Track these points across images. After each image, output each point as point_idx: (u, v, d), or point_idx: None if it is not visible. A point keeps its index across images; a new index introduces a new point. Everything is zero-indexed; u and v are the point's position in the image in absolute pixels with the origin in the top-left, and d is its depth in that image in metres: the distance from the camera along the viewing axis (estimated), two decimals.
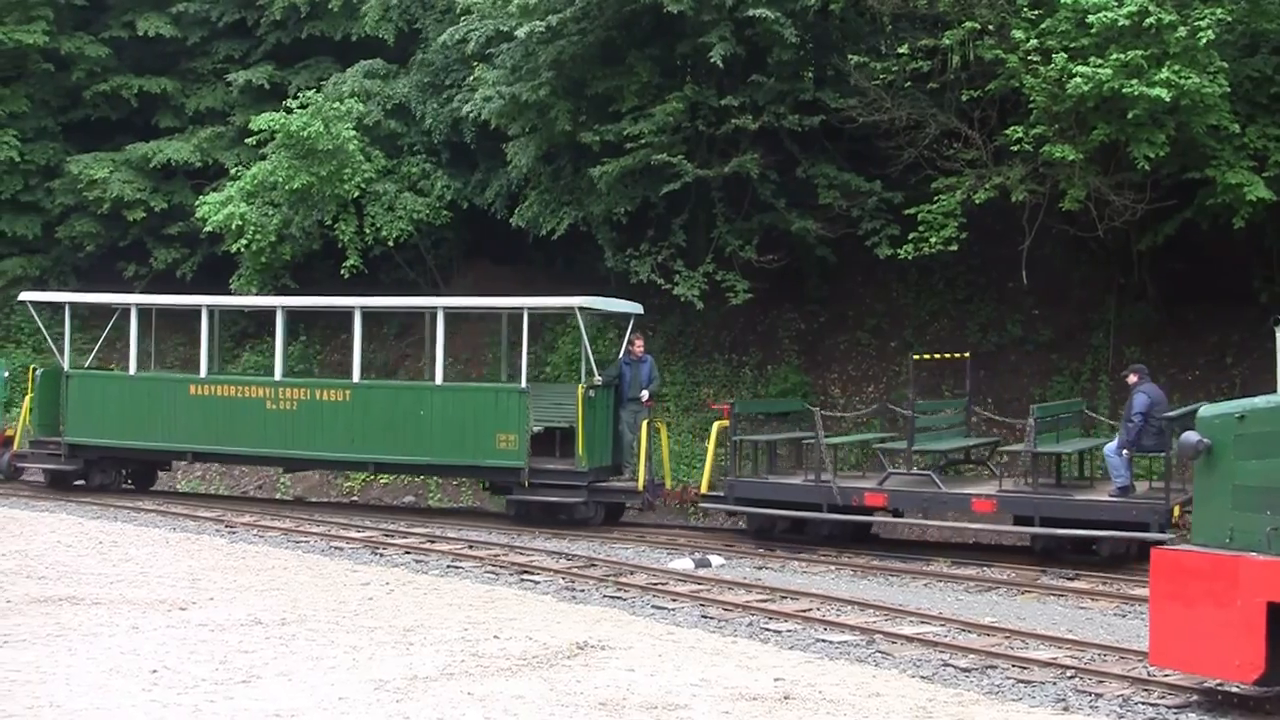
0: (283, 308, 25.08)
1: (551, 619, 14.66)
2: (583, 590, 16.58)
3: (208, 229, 27.99)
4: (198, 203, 28.70)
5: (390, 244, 27.87)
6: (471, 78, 26.04)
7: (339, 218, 27.70)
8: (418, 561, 18.71)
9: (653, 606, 15.50)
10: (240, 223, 27.28)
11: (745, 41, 22.60)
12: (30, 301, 27.22)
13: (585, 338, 23.14)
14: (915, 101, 21.98)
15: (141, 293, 29.78)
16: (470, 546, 19.79)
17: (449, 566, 18.30)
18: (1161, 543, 15.94)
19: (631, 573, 17.63)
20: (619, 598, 16.06)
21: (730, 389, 25.37)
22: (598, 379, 22.29)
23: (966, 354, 22.32)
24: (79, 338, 27.46)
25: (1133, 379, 18.46)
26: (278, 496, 27.72)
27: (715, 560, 18.80)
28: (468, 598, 16.01)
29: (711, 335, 26.53)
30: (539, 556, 18.92)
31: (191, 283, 30.76)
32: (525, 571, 17.78)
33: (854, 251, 24.31)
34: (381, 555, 19.23)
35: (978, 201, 20.97)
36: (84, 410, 25.31)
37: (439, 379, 23.23)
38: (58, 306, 27.50)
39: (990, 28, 20.61)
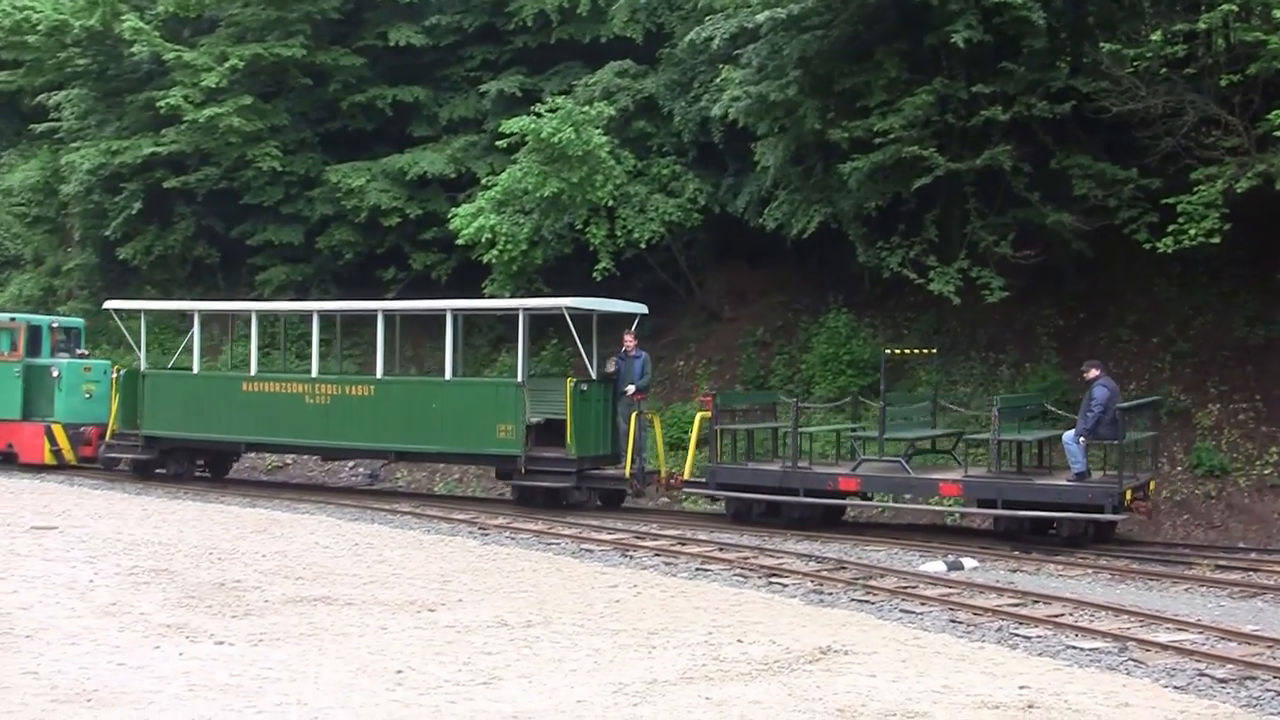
0: (318, 312, 27.40)
1: (797, 623, 14.51)
2: (830, 593, 16.37)
3: (460, 241, 28.43)
4: (450, 214, 29.15)
5: (642, 246, 27.94)
6: (719, 79, 25.96)
7: (590, 222, 27.87)
8: (666, 564, 18.68)
9: (900, 610, 15.22)
10: (491, 235, 27.66)
11: (994, 30, 22.06)
12: (114, 310, 29.82)
13: (576, 336, 24.72)
14: (1172, 88, 21.18)
15: (397, 296, 30.65)
16: (720, 549, 19.68)
17: (698, 569, 18.22)
18: (1114, 524, 19.71)
19: (881, 575, 17.35)
20: (867, 601, 15.81)
21: (987, 388, 24.85)
22: (592, 374, 24.50)
23: (934, 349, 25.02)
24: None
25: (1092, 373, 20.11)
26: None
27: (968, 563, 18.39)
28: (714, 601, 15.93)
29: (967, 333, 26.00)
30: (789, 559, 18.74)
31: (446, 285, 31.32)
32: (774, 574, 17.62)
33: (1113, 245, 23.57)
34: (631, 558, 19.25)
35: (1240, 191, 20.11)
36: (157, 406, 27.92)
37: (449, 374, 25.14)
38: (149, 313, 30.45)
39: (1251, 8, 19.75)
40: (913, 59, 23.24)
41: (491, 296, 28.57)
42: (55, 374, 30.29)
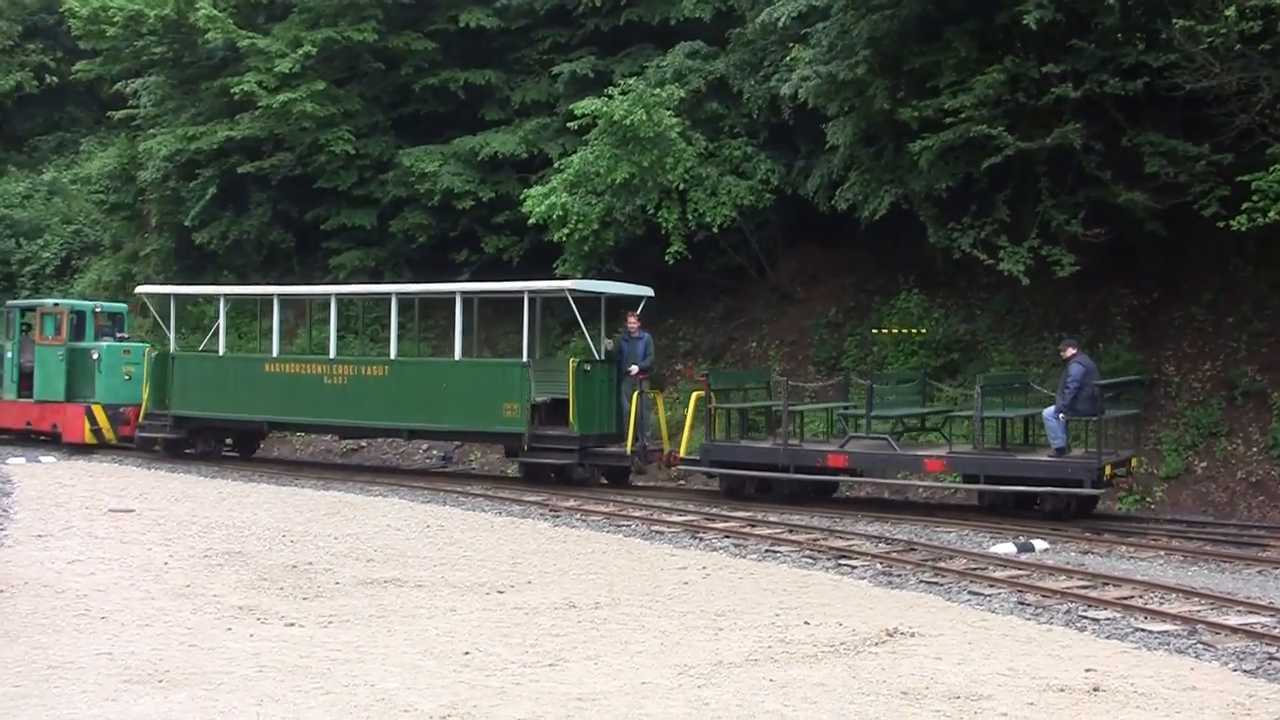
0: (336, 296, 28.50)
1: (864, 605, 14.51)
2: (899, 575, 16.33)
3: (532, 221, 28.51)
4: (523, 195, 29.23)
5: (715, 230, 27.90)
6: (789, 58, 25.88)
7: (661, 205, 27.86)
8: (736, 546, 18.68)
9: (969, 592, 15.16)
10: (563, 213, 27.72)
11: (1064, 8, 21.85)
12: (144, 294, 32.09)
13: (580, 318, 25.25)
14: (1247, 64, 20.89)
15: (470, 279, 30.90)
16: (790, 530, 19.67)
17: (767, 551, 18.22)
18: (1095, 498, 20.26)
19: (951, 557, 17.29)
20: (935, 583, 15.77)
21: (1059, 368, 24.63)
22: (596, 355, 25.19)
23: (923, 330, 26.07)
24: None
25: (1069, 352, 20.78)
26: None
27: (1039, 544, 18.29)
28: (783, 582, 15.95)
29: (1040, 314, 25.80)
30: (858, 541, 18.70)
31: (518, 268, 31.45)
32: (843, 556, 17.60)
33: (1188, 224, 23.26)
34: (701, 539, 19.25)
35: None
36: (185, 387, 29.29)
37: (458, 355, 26.12)
38: (177, 296, 31.87)
39: None
40: (983, 38, 23.06)
41: (563, 278, 28.65)
42: (95, 357, 31.65)
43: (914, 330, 26.51)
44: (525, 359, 25.03)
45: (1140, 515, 21.47)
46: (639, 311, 25.38)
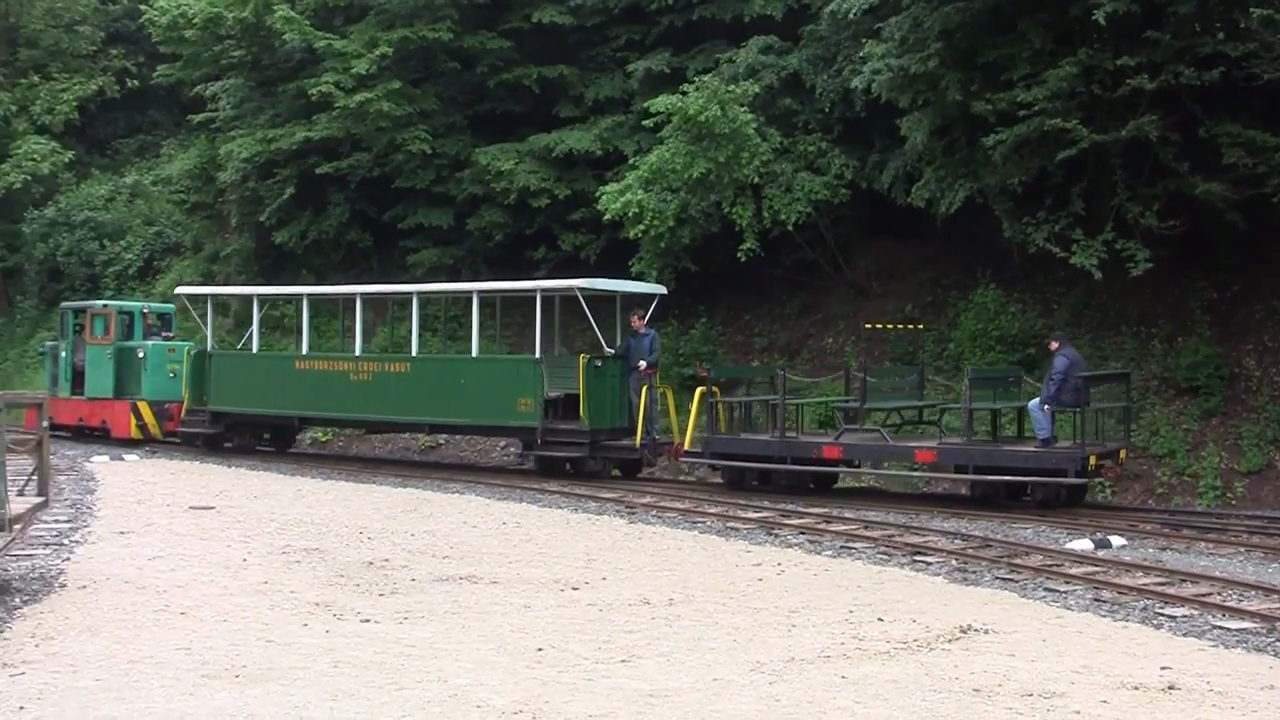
0: (361, 295, 29.39)
1: (939, 601, 14.45)
2: (974, 572, 16.24)
3: (607, 218, 28.58)
4: (598, 192, 29.32)
5: (790, 226, 27.86)
6: (862, 52, 25.81)
7: (736, 201, 27.84)
8: (811, 542, 18.65)
9: (1044, 589, 15.07)
10: (638, 210, 27.77)
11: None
12: (183, 295, 33.32)
13: (590, 315, 26.09)
14: None
15: (547, 276, 31.05)
16: (865, 527, 19.61)
17: (842, 547, 18.18)
18: (1083, 488, 20.99)
19: (1026, 554, 17.17)
20: (1011, 579, 15.67)
21: (1138, 363, 24.48)
22: (608, 350, 25.90)
23: (921, 325, 27.24)
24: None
25: (1054, 346, 21.40)
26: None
27: (1116, 541, 18.16)
28: (857, 579, 15.91)
29: (1117, 308, 25.57)
30: (933, 537, 18.63)
31: (595, 265, 31.54)
32: (918, 552, 17.54)
33: (1268, 216, 23.01)
34: (776, 536, 19.24)
35: None
36: (221, 383, 30.49)
37: (475, 352, 26.93)
38: (214, 297, 33.73)
39: None
40: (1057, 30, 22.90)
41: (638, 276, 28.75)
42: (141, 355, 33.05)
43: (902, 325, 27.55)
44: (538, 356, 25.74)
45: (1220, 511, 21.26)
46: (649, 310, 26.06)
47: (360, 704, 10.03)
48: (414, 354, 28.10)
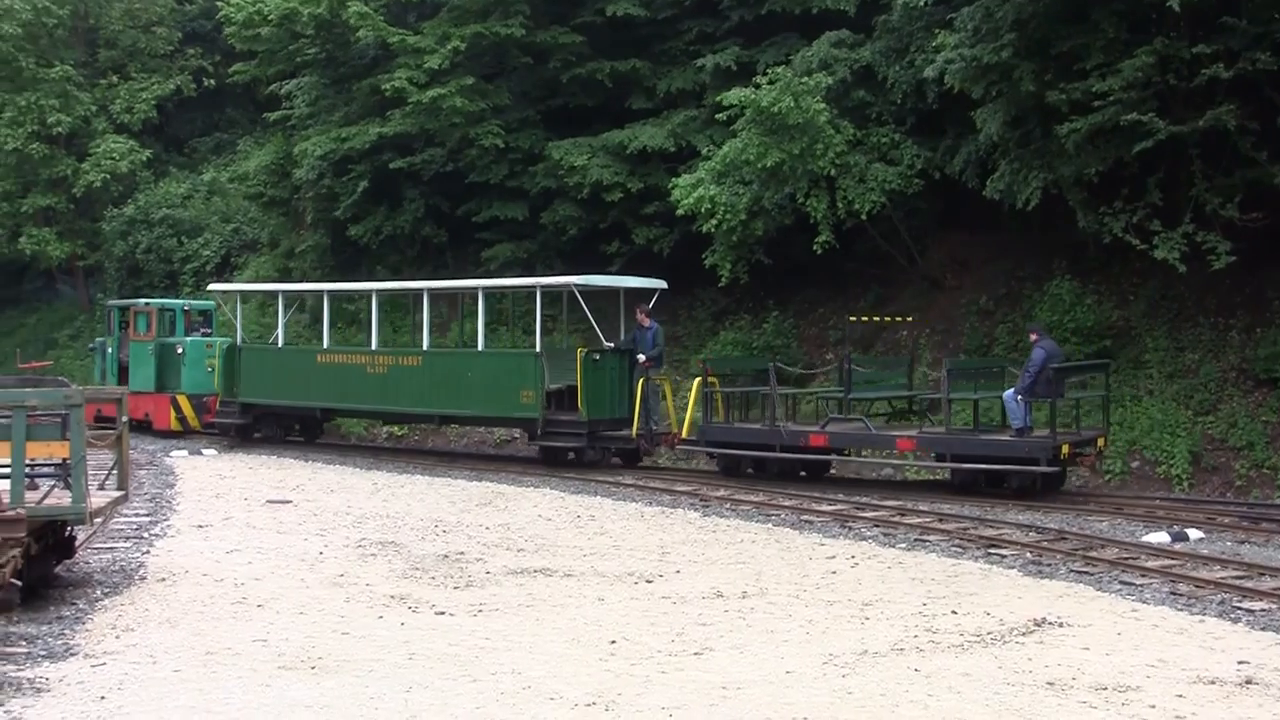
0: (375, 291, 30.93)
1: (1013, 594, 14.40)
2: (1049, 564, 16.17)
3: (680, 212, 28.58)
4: (671, 185, 29.31)
5: (864, 217, 27.75)
6: (935, 42, 25.66)
7: (810, 193, 27.75)
8: (885, 535, 18.63)
9: (1119, 582, 14.97)
10: (710, 205, 27.75)
11: None
12: (216, 291, 35.74)
13: (587, 310, 27.09)
14: None
15: (620, 271, 31.20)
16: (940, 520, 19.53)
17: (916, 540, 18.15)
18: (1060, 476, 21.80)
19: (1102, 546, 17.07)
20: (1086, 572, 15.59)
21: (1216, 354, 24.23)
22: (606, 344, 26.68)
23: (909, 317, 28.54)
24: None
25: (1033, 337, 22.01)
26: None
27: (1193, 534, 18.01)
28: (931, 572, 15.88)
29: (1195, 299, 25.27)
30: (1008, 530, 18.55)
31: (668, 259, 31.56)
32: (992, 545, 17.47)
33: None
34: (850, 529, 19.22)
35: None
36: (250, 376, 31.76)
37: (480, 346, 28.20)
38: (243, 293, 36.55)
39: None
40: (1131, 18, 22.66)
41: (712, 268, 28.73)
42: (180, 351, 34.72)
43: (888, 319, 28.58)
44: (539, 349, 26.72)
45: None
46: (650, 304, 26.88)
47: (434, 695, 10.13)
48: (425, 348, 29.22)
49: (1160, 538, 17.70)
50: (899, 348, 29.12)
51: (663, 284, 28.00)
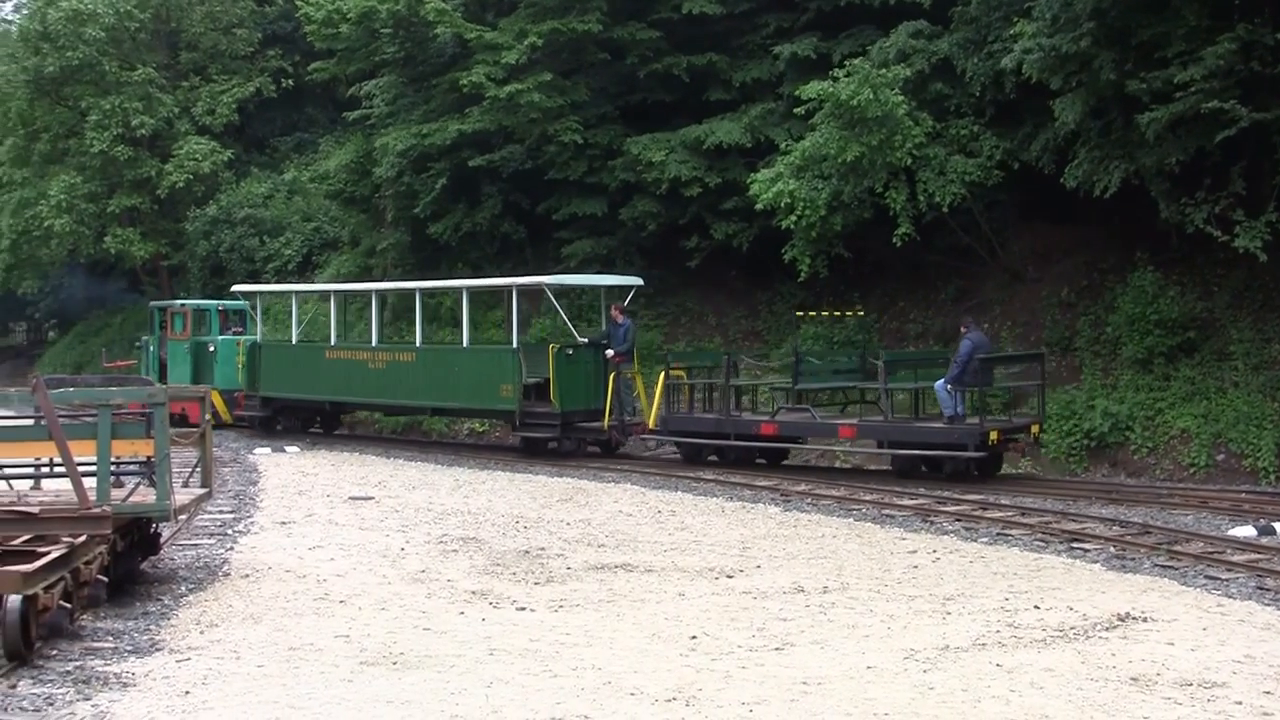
0: (380, 291, 33.02)
1: (1096, 588, 14.28)
2: (1133, 559, 16.04)
3: (759, 207, 28.51)
4: (749, 179, 29.24)
5: (944, 209, 27.56)
6: (1011, 31, 25.45)
7: (889, 186, 27.61)
8: (967, 529, 18.53)
9: (1205, 576, 14.82)
10: (789, 200, 27.67)
11: None
12: (241, 291, 37.37)
13: (560, 309, 29.36)
14: None
15: (698, 265, 31.45)
16: (1022, 513, 19.42)
17: (998, 534, 18.05)
18: (993, 461, 23.25)
19: (1187, 540, 16.90)
20: (1170, 567, 15.44)
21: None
22: (580, 339, 28.13)
23: (861, 311, 30.36)
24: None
25: (963, 329, 23.42)
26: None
27: None
28: (1013, 566, 15.79)
29: (1279, 288, 25.00)
30: (1091, 524, 18.38)
31: (748, 254, 31.50)
32: (1075, 539, 17.34)
33: None
34: (931, 523, 19.14)
35: None
36: (269, 371, 33.82)
37: (465, 342, 30.18)
38: (264, 293, 38.13)
39: None
40: (1213, 5, 22.37)
41: (791, 262, 28.68)
42: (212, 349, 37.04)
43: (839, 312, 29.95)
44: (515, 345, 28.43)
45: None
46: (627, 301, 28.63)
47: (515, 690, 10.17)
48: (418, 344, 31.19)
49: (1246, 531, 17.50)
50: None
51: (639, 281, 29.62)
